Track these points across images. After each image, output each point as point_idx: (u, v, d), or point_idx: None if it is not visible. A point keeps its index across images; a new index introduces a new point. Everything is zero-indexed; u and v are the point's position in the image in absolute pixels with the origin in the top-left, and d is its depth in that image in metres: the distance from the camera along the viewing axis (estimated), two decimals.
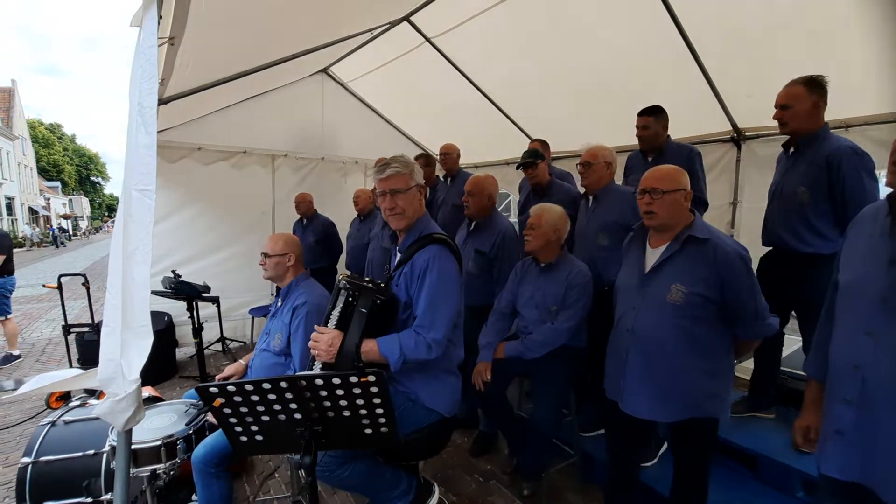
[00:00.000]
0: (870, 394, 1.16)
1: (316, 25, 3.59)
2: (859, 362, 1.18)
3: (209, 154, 5.07)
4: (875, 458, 1.15)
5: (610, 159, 2.75)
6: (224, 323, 5.15)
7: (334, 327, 1.76)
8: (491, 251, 2.90)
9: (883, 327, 1.14)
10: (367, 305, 1.73)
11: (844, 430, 1.21)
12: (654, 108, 2.91)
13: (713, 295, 1.72)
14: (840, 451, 1.22)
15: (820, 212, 2.26)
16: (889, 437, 1.12)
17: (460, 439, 3.20)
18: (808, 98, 2.24)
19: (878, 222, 1.24)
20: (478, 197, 2.93)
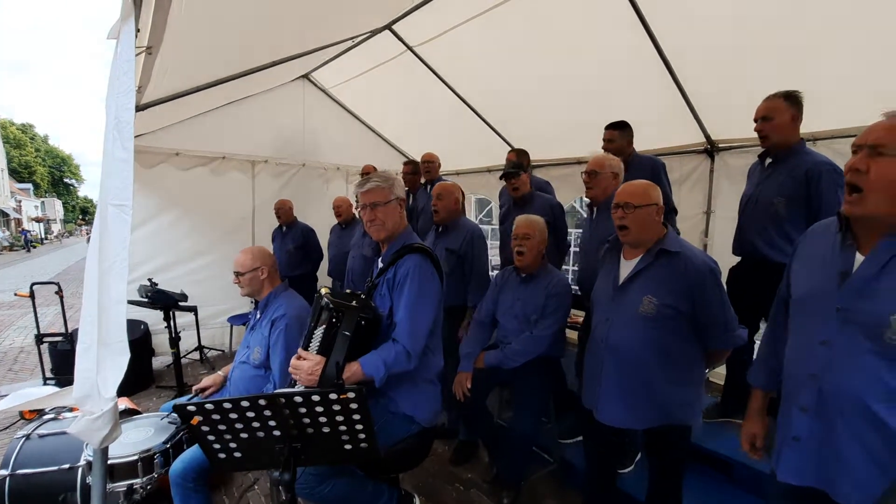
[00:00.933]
0: (825, 402, 1.21)
1: (297, 32, 3.58)
2: (815, 371, 1.23)
3: (187, 159, 5.00)
4: (831, 464, 1.20)
5: (617, 170, 2.71)
6: (202, 331, 5.07)
7: (317, 350, 1.74)
8: (461, 248, 3.01)
9: (837, 337, 1.20)
10: (352, 328, 1.73)
11: (801, 436, 1.26)
12: (620, 122, 3.00)
13: (684, 307, 1.78)
14: (797, 457, 1.27)
15: (795, 222, 2.34)
16: (843, 442, 1.17)
17: (441, 448, 3.21)
18: (787, 111, 2.34)
19: (828, 237, 1.31)
20: (446, 200, 3.05)
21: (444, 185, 3.11)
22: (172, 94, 3.67)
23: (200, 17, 2.55)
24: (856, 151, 1.17)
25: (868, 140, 1.13)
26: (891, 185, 1.09)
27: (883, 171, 1.10)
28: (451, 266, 3.03)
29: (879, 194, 1.11)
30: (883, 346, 1.11)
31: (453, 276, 3.04)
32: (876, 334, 1.12)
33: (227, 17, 2.75)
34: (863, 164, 1.13)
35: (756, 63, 2.93)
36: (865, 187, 1.12)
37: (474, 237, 3.04)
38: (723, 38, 2.93)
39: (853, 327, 1.17)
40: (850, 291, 1.19)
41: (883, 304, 1.12)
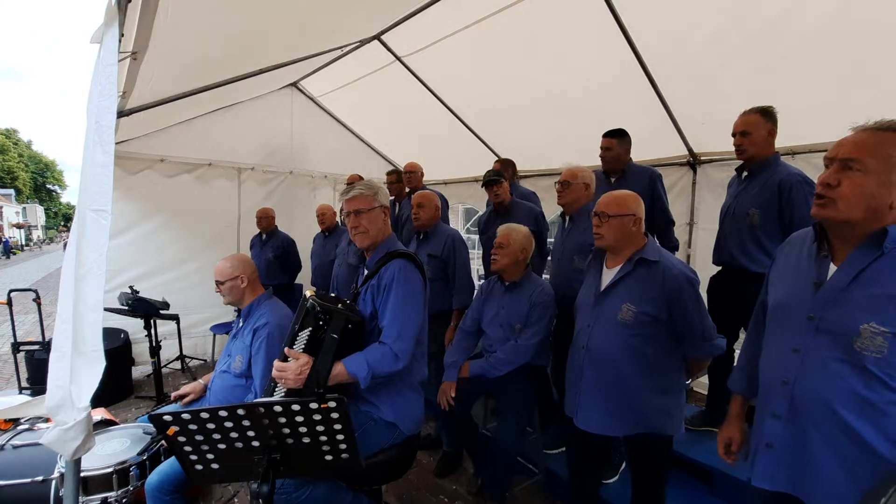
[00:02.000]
0: (797, 408, 1.23)
1: (286, 41, 3.59)
2: (787, 378, 1.25)
3: (172, 166, 4.95)
4: (802, 469, 1.22)
5: (588, 181, 2.78)
6: (184, 340, 4.97)
7: (302, 350, 1.73)
8: (443, 252, 3.06)
9: (809, 345, 1.22)
10: (339, 330, 1.71)
11: (774, 443, 1.27)
12: (618, 130, 3.03)
13: (661, 315, 1.81)
14: (770, 463, 1.28)
15: (769, 233, 2.40)
16: (815, 449, 1.19)
17: (426, 459, 3.18)
18: (764, 126, 2.42)
19: (804, 247, 1.34)
20: (427, 208, 3.12)
21: (424, 194, 3.18)
22: (158, 100, 3.64)
23: (187, 23, 2.55)
24: (828, 165, 1.20)
25: (839, 154, 1.16)
26: (861, 198, 1.12)
27: (853, 184, 1.13)
28: (434, 271, 3.05)
29: (849, 205, 1.14)
30: (853, 355, 1.13)
31: (438, 281, 3.08)
32: (846, 343, 1.14)
33: (215, 25, 2.75)
34: (833, 178, 1.15)
35: (735, 80, 3.01)
36: (834, 197, 1.15)
37: (455, 241, 3.09)
38: (703, 55, 3.01)
39: (825, 336, 1.19)
40: (822, 300, 1.21)
41: (853, 313, 1.14)
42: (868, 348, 1.11)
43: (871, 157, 1.11)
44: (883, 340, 1.09)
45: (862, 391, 1.12)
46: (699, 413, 2.95)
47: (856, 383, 1.13)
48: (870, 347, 1.10)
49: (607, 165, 3.07)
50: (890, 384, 1.10)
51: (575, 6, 3.05)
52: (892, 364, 1.09)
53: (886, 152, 1.10)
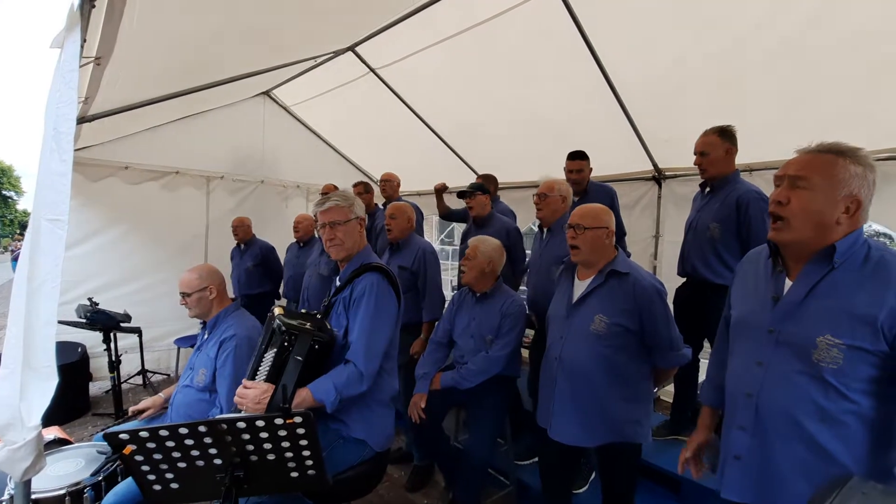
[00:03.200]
0: (762, 420, 1.26)
1: (258, 49, 3.55)
2: (752, 391, 1.29)
3: (137, 174, 4.80)
4: (768, 480, 1.25)
5: (565, 193, 2.84)
6: (146, 354, 4.79)
7: (265, 377, 1.67)
8: (413, 264, 3.06)
9: (771, 358, 1.26)
10: (304, 352, 1.67)
11: (741, 454, 1.31)
12: (584, 153, 3.19)
13: (632, 325, 1.85)
14: (738, 475, 1.31)
15: (729, 246, 2.50)
16: (780, 460, 1.23)
17: (397, 473, 3.14)
18: (721, 146, 2.52)
19: (760, 263, 1.40)
20: (399, 220, 3.11)
21: (398, 205, 3.17)
22: (123, 107, 3.55)
23: (155, 29, 2.50)
24: (778, 184, 1.26)
25: (787, 172, 1.23)
26: (810, 214, 1.18)
27: (802, 201, 1.19)
28: (404, 283, 3.02)
29: (800, 222, 1.19)
30: (812, 367, 1.17)
31: (408, 293, 3.04)
32: (805, 356, 1.19)
33: (184, 32, 2.71)
34: (784, 196, 1.21)
35: (696, 98, 3.15)
36: (788, 216, 1.21)
37: (426, 253, 3.09)
38: (667, 75, 3.14)
39: (785, 349, 1.24)
40: (780, 315, 1.26)
41: (810, 326, 1.19)
42: (825, 360, 1.15)
43: (817, 175, 1.18)
44: (838, 352, 1.14)
45: (821, 401, 1.17)
46: (664, 423, 3.01)
47: (815, 393, 1.17)
48: (826, 359, 1.15)
49: (578, 187, 3.20)
50: (846, 394, 1.14)
51: (545, 25, 3.14)
52: (848, 374, 1.14)
53: (831, 171, 1.17)
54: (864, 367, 1.13)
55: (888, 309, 1.10)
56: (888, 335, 1.11)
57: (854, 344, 1.13)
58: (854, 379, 1.14)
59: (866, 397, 1.15)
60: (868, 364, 1.13)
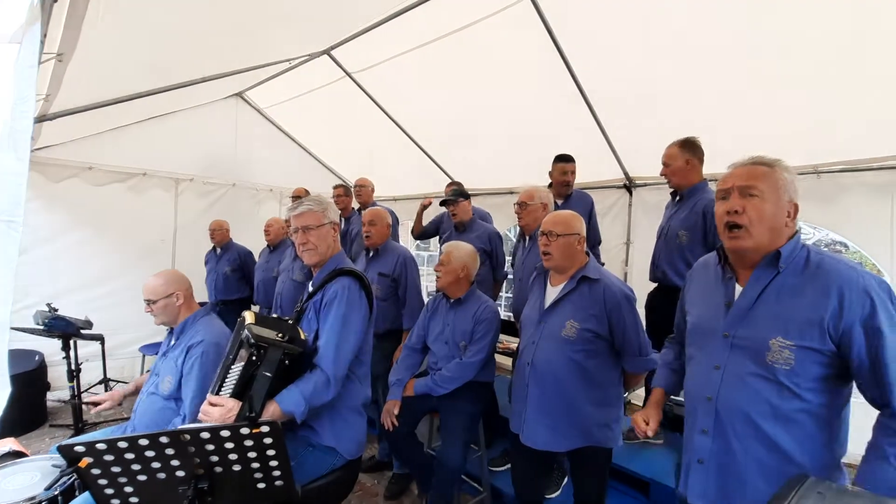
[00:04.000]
0: (721, 422, 1.30)
1: (230, 50, 3.49)
2: (711, 394, 1.32)
3: (102, 175, 4.63)
4: (730, 483, 1.29)
5: (546, 201, 2.87)
6: (109, 362, 4.58)
7: (231, 392, 1.60)
8: (394, 271, 3.02)
9: (727, 362, 1.31)
10: (273, 367, 1.60)
11: (704, 458, 1.34)
12: (572, 156, 3.22)
13: (602, 331, 1.89)
14: (702, 479, 1.34)
15: (696, 253, 2.56)
16: (740, 462, 1.27)
17: (370, 482, 3.09)
18: (680, 157, 2.63)
19: (710, 271, 1.45)
20: (379, 226, 3.06)
21: (377, 211, 3.13)
22: (87, 105, 3.43)
23: (122, 25, 2.43)
24: (724, 196, 1.31)
25: (735, 184, 1.28)
26: (765, 220, 1.24)
27: (756, 208, 1.25)
28: (384, 290, 3.01)
29: (758, 228, 1.25)
30: (766, 369, 1.22)
31: (388, 300, 3.02)
32: (759, 358, 1.24)
33: (153, 29, 2.64)
34: (739, 205, 1.26)
35: (666, 108, 3.25)
36: (746, 224, 1.25)
37: (406, 260, 3.06)
38: (636, 86, 3.22)
39: (739, 352, 1.28)
40: (733, 319, 1.31)
41: (762, 329, 1.25)
42: (778, 361, 1.21)
43: (763, 184, 1.25)
44: (789, 353, 1.19)
45: (775, 401, 1.21)
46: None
47: (770, 394, 1.22)
48: (779, 360, 1.20)
49: (566, 190, 3.24)
50: (799, 393, 1.20)
51: (519, 34, 3.19)
52: (800, 375, 1.19)
53: (772, 179, 1.25)
54: (815, 366, 1.19)
55: (831, 310, 1.16)
56: (833, 335, 1.16)
57: (804, 344, 1.18)
58: (806, 378, 1.19)
59: (817, 395, 1.20)
60: (818, 364, 1.19)
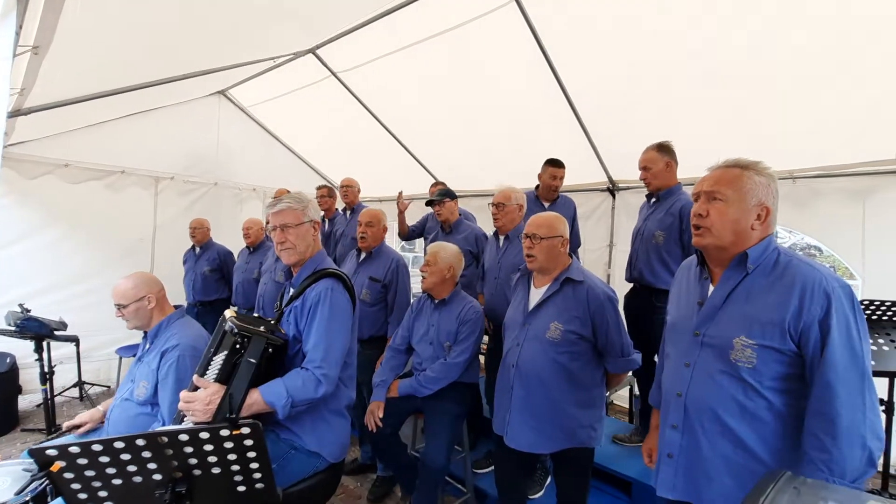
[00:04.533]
0: (690, 418, 1.34)
1: (214, 46, 3.44)
2: (681, 390, 1.36)
3: (78, 172, 4.52)
4: (697, 476, 1.32)
5: (521, 201, 2.90)
6: (84, 364, 4.46)
7: (215, 379, 1.58)
8: (385, 277, 2.96)
9: (696, 359, 1.35)
10: (258, 354, 1.59)
11: (673, 453, 1.37)
12: (563, 162, 3.27)
13: (585, 332, 1.91)
14: (671, 473, 1.38)
15: (672, 253, 2.67)
16: (706, 456, 1.30)
17: (353, 485, 3.07)
18: (661, 160, 2.69)
19: (691, 271, 1.49)
20: (376, 227, 2.99)
21: (374, 213, 3.02)
22: (65, 100, 3.34)
23: (102, 19, 2.38)
24: (696, 198, 1.36)
25: (703, 188, 1.33)
26: (727, 222, 1.29)
27: (719, 212, 1.30)
28: (374, 295, 2.95)
29: (718, 229, 1.30)
30: (731, 366, 1.27)
31: (377, 305, 2.97)
32: (724, 356, 1.28)
33: (134, 23, 2.58)
34: (703, 209, 1.32)
35: (649, 112, 3.30)
36: (707, 226, 1.31)
37: (399, 266, 2.99)
38: (621, 92, 3.28)
39: (708, 350, 1.32)
40: (703, 318, 1.35)
41: (727, 328, 1.29)
42: (741, 359, 1.25)
43: (729, 189, 1.29)
44: (752, 352, 1.23)
45: (741, 398, 1.25)
46: (635, 429, 3.07)
47: (735, 391, 1.26)
48: (742, 358, 1.25)
49: (553, 194, 3.31)
50: (761, 392, 1.24)
51: (506, 37, 3.21)
52: (762, 373, 1.23)
53: (739, 183, 1.29)
54: (776, 365, 1.22)
55: (792, 310, 1.20)
56: (794, 334, 1.20)
57: (765, 343, 1.22)
58: (768, 377, 1.23)
59: (779, 395, 1.24)
60: (779, 363, 1.22)
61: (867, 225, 2.86)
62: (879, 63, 2.41)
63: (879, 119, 2.64)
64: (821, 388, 1.16)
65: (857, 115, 2.68)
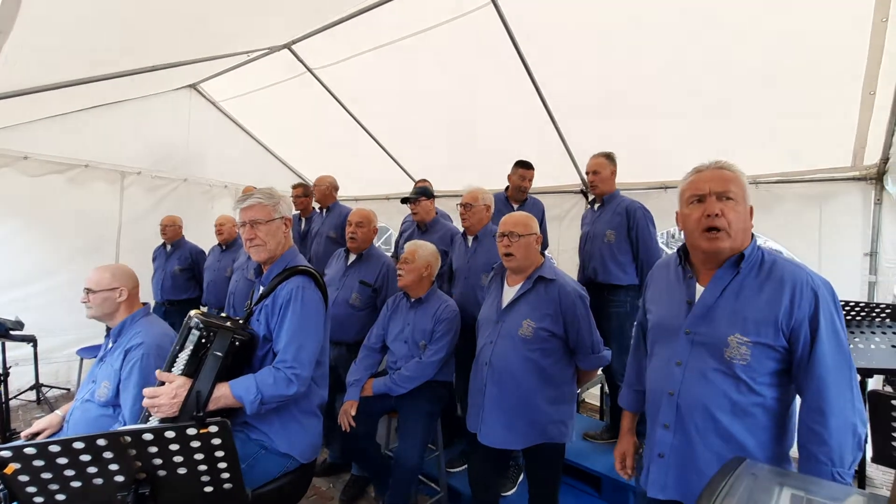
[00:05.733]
0: (682, 418, 1.35)
1: (184, 38, 3.35)
2: (673, 389, 1.37)
3: (38, 165, 4.32)
4: (689, 476, 1.33)
5: (489, 202, 2.94)
6: (43, 366, 4.27)
7: (181, 373, 1.54)
8: (376, 281, 2.91)
9: (688, 358, 1.35)
10: (223, 348, 1.56)
11: (665, 452, 1.38)
12: (532, 164, 3.32)
13: (557, 330, 1.94)
14: (662, 473, 1.38)
15: (622, 249, 2.86)
16: (699, 455, 1.32)
17: (325, 486, 3.03)
18: (608, 167, 2.92)
19: (671, 271, 1.51)
20: (366, 228, 2.93)
21: (365, 213, 2.96)
22: (23, 90, 3.20)
23: (66, 6, 2.29)
24: (699, 200, 1.33)
25: (712, 189, 1.31)
26: (741, 222, 1.30)
27: (734, 212, 1.30)
28: (364, 299, 2.89)
29: (735, 231, 1.30)
30: (725, 364, 1.29)
31: (365, 310, 2.91)
32: (718, 353, 1.30)
33: (100, 10, 2.49)
34: (718, 209, 1.29)
35: (622, 117, 3.38)
36: (725, 227, 1.29)
37: (390, 270, 2.93)
38: (594, 92, 3.34)
39: (700, 348, 1.34)
40: (694, 317, 1.36)
41: (721, 326, 1.31)
42: (735, 357, 1.27)
43: (736, 188, 1.31)
44: (746, 349, 1.26)
45: (734, 395, 1.28)
46: (605, 427, 3.13)
47: (728, 388, 1.28)
48: (736, 356, 1.27)
49: (522, 195, 3.35)
50: (754, 388, 1.27)
51: (482, 38, 3.23)
52: (756, 370, 1.26)
53: (740, 184, 1.32)
54: (769, 361, 1.27)
55: (784, 308, 1.24)
56: (785, 331, 1.25)
57: (759, 341, 1.26)
58: (760, 373, 1.27)
59: (770, 389, 1.28)
60: (772, 359, 1.27)
61: (823, 229, 3.00)
62: (834, 78, 2.53)
63: (834, 128, 2.77)
64: (813, 382, 1.21)
65: (814, 126, 2.81)
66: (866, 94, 2.51)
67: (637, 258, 2.83)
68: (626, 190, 3.36)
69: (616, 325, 2.86)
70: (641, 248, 2.80)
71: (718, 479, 0.68)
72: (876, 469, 2.99)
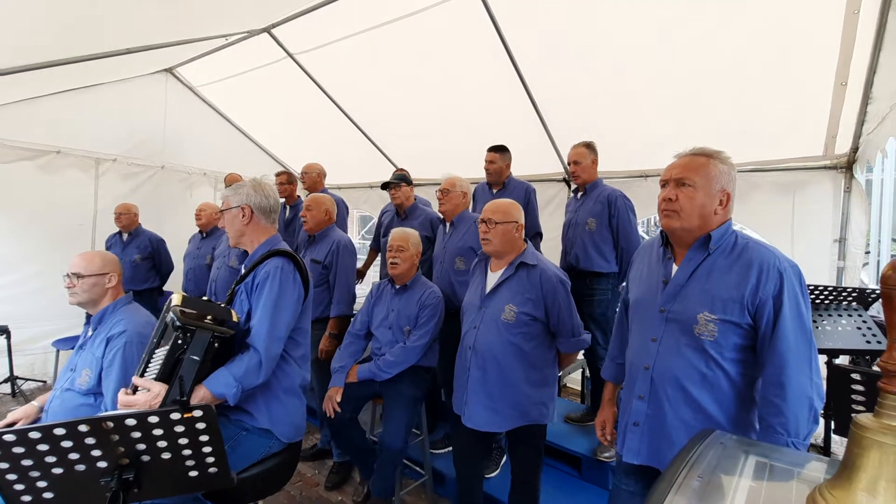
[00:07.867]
0: (656, 390, 1.44)
1: (160, 20, 3.25)
2: (648, 363, 1.46)
3: (7, 151, 4.18)
4: (661, 443, 1.43)
5: (466, 189, 2.98)
6: (17, 358, 4.18)
7: (156, 376, 1.52)
8: (325, 259, 2.98)
9: (663, 334, 1.44)
10: (201, 350, 1.53)
11: (639, 421, 1.47)
12: (501, 146, 3.28)
13: (539, 314, 1.98)
14: (636, 440, 1.48)
15: (604, 237, 2.91)
16: (670, 423, 1.41)
17: (310, 472, 3.05)
18: (589, 156, 2.96)
19: (653, 252, 1.58)
20: (315, 211, 3.02)
21: (316, 197, 3.06)
22: None
23: None
24: (664, 185, 1.44)
25: (672, 175, 1.41)
26: (695, 206, 1.38)
27: (687, 197, 1.38)
28: (316, 277, 2.94)
29: (687, 213, 1.38)
30: (694, 340, 1.37)
31: (319, 286, 2.96)
32: (689, 330, 1.38)
33: None
34: (672, 194, 1.40)
35: (604, 107, 3.41)
36: (677, 209, 1.39)
37: (340, 247, 2.98)
38: (578, 84, 3.36)
39: (673, 325, 1.42)
40: (668, 295, 1.44)
41: (692, 305, 1.39)
42: (704, 333, 1.36)
43: (696, 175, 1.38)
44: (714, 326, 1.35)
45: (703, 369, 1.37)
46: (587, 410, 3.21)
47: (698, 362, 1.37)
48: (705, 332, 1.36)
49: (491, 178, 3.33)
50: (720, 363, 1.36)
51: (466, 24, 3.22)
52: (723, 345, 1.35)
53: (705, 170, 1.38)
54: (735, 338, 1.35)
55: (750, 287, 1.31)
56: (751, 309, 1.32)
57: (725, 318, 1.34)
58: (727, 349, 1.35)
59: (735, 364, 1.36)
60: (737, 336, 1.35)
61: (795, 216, 3.10)
62: (808, 70, 2.60)
63: (807, 119, 2.85)
64: (774, 357, 1.28)
65: (788, 116, 2.89)
66: (838, 86, 2.58)
67: (617, 246, 2.89)
68: (607, 178, 3.42)
69: (598, 311, 2.92)
70: (621, 236, 2.86)
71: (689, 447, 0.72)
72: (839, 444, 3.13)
